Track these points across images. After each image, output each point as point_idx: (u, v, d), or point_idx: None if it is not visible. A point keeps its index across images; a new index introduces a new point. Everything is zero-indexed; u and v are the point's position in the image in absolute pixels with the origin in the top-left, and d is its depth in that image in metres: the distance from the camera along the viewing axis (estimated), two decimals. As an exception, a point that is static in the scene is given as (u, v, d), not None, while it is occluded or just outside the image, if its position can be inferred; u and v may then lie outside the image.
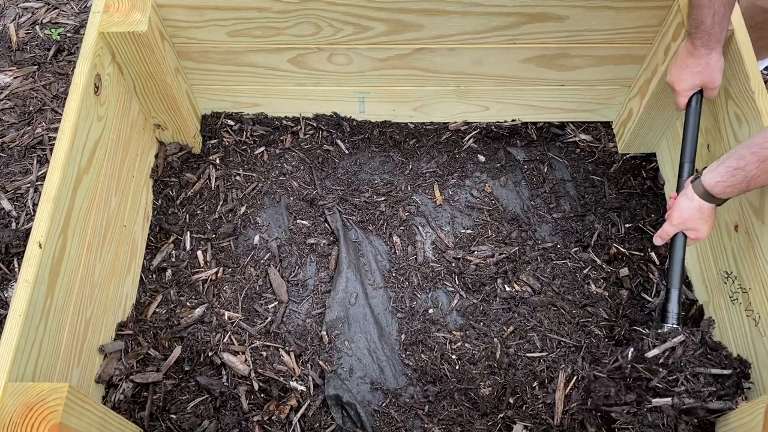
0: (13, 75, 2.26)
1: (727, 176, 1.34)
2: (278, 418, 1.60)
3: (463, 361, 1.69)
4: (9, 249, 1.90)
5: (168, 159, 1.97)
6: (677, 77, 1.59)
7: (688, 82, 1.57)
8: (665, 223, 1.52)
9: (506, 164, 2.05)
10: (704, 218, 1.44)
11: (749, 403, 1.34)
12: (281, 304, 1.79)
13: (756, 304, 1.50)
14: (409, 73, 1.91)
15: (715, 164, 1.38)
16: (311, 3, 1.68)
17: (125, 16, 1.59)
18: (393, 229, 1.92)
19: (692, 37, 1.51)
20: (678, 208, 1.46)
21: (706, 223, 1.45)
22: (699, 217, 1.44)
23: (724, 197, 1.39)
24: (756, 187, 1.32)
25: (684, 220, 1.46)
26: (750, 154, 1.29)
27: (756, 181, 1.30)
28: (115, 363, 1.61)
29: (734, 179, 1.33)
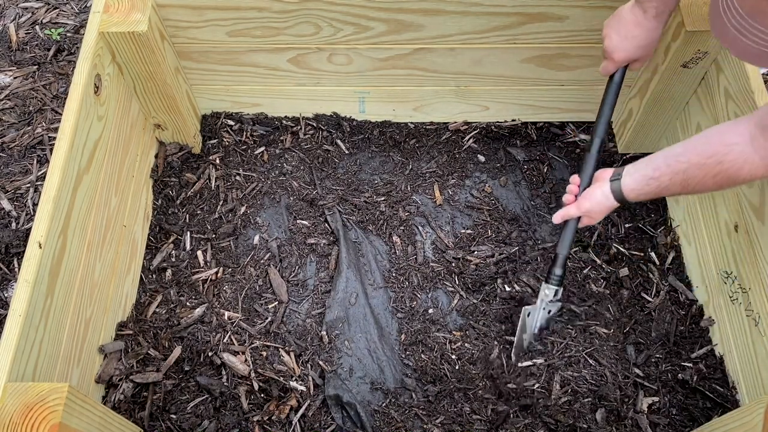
0: (13, 75, 2.26)
1: (642, 185, 1.34)
2: (278, 418, 1.60)
3: (463, 361, 1.69)
4: (9, 249, 1.90)
5: (168, 159, 1.97)
6: (619, 46, 1.47)
7: (629, 53, 1.49)
8: (571, 206, 1.52)
9: (506, 164, 2.05)
10: (605, 212, 1.48)
11: (749, 403, 1.34)
12: (281, 304, 1.79)
13: (756, 304, 1.50)
14: (409, 73, 1.91)
15: (632, 168, 1.38)
16: (311, 3, 1.68)
17: (125, 16, 1.59)
18: (393, 229, 1.92)
19: (644, 5, 1.39)
20: (590, 200, 1.47)
21: (604, 215, 1.49)
22: (605, 211, 1.47)
23: (635, 201, 1.41)
24: (667, 195, 1.35)
25: (592, 211, 1.48)
26: (665, 166, 1.29)
27: (667, 191, 1.32)
28: (115, 363, 1.61)
29: (648, 188, 1.33)
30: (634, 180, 1.36)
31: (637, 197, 1.38)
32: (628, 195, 1.38)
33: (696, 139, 1.26)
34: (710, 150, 1.20)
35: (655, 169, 1.32)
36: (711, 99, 1.70)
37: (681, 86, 1.75)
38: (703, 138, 1.24)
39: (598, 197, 1.45)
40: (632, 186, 1.37)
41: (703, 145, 1.23)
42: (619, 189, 1.40)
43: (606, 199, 1.44)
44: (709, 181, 1.23)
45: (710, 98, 1.70)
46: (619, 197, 1.41)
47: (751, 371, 1.53)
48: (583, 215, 1.51)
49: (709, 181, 1.22)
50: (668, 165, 1.28)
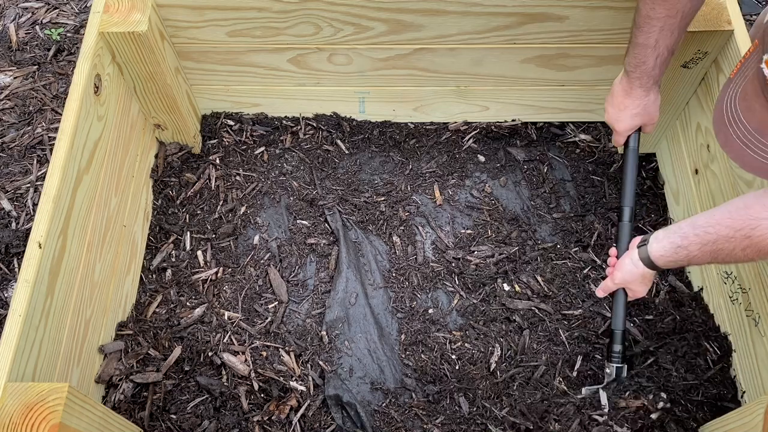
0: (13, 75, 2.26)
1: (671, 252, 1.34)
2: (278, 418, 1.60)
3: (463, 361, 1.69)
4: (9, 249, 1.90)
5: (168, 159, 1.97)
6: (615, 118, 1.57)
7: (628, 123, 1.56)
8: (608, 279, 1.55)
9: (506, 164, 2.05)
10: (645, 282, 1.48)
11: (749, 403, 1.34)
12: (281, 304, 1.79)
13: (756, 304, 1.50)
14: (409, 73, 1.91)
15: (661, 233, 1.38)
16: (311, 3, 1.68)
17: (125, 16, 1.59)
18: (393, 229, 1.92)
19: (630, 76, 1.47)
20: (622, 270, 1.48)
21: (645, 285, 1.49)
22: (640, 281, 1.47)
23: (667, 268, 1.41)
24: (697, 264, 1.34)
25: (626, 281, 1.49)
26: (693, 236, 1.28)
27: (697, 260, 1.30)
28: (115, 363, 1.61)
29: (677, 256, 1.33)
30: (663, 247, 1.36)
31: (666, 264, 1.37)
32: (657, 261, 1.38)
33: (721, 210, 1.25)
34: (737, 223, 1.19)
35: (684, 238, 1.31)
36: (711, 99, 1.70)
37: (681, 86, 1.75)
38: (728, 210, 1.23)
39: (627, 266, 1.46)
40: (661, 252, 1.36)
41: (729, 219, 1.21)
42: (646, 255, 1.39)
43: (635, 267, 1.44)
44: (739, 254, 1.21)
45: (710, 98, 1.70)
46: (649, 263, 1.40)
47: (751, 371, 1.53)
48: (621, 287, 1.52)
49: (739, 253, 1.21)
50: (697, 235, 1.27)
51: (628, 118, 1.55)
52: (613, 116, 1.57)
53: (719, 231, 1.22)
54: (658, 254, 1.37)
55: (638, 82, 1.47)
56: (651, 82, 1.47)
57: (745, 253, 1.20)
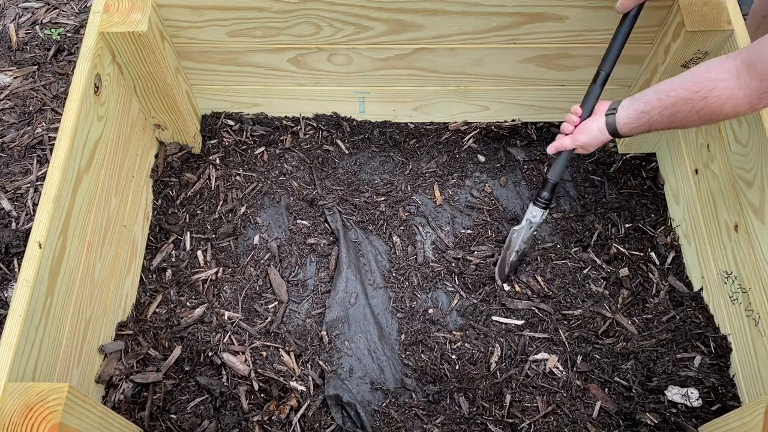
0: (13, 75, 2.26)
1: (635, 119, 1.39)
2: (278, 418, 1.60)
3: (463, 361, 1.69)
4: (9, 249, 1.90)
5: (168, 159, 1.97)
6: None
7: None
8: (566, 139, 1.57)
9: (506, 164, 2.05)
10: (599, 145, 1.53)
11: (749, 403, 1.34)
12: (281, 304, 1.79)
13: (756, 304, 1.50)
14: (409, 73, 1.91)
15: (627, 101, 1.42)
16: (311, 3, 1.68)
17: (125, 16, 1.59)
18: (393, 229, 1.92)
19: None
20: (586, 134, 1.52)
21: (597, 147, 1.54)
22: (597, 144, 1.52)
23: (628, 135, 1.46)
24: (657, 129, 1.39)
25: (587, 144, 1.53)
26: (656, 100, 1.34)
27: (657, 125, 1.37)
28: (115, 363, 1.61)
29: (640, 122, 1.39)
30: (628, 114, 1.41)
31: (630, 131, 1.43)
32: (622, 129, 1.44)
33: (685, 74, 1.30)
34: (697, 85, 1.25)
35: (646, 103, 1.37)
36: (711, 99, 1.69)
37: (681, 86, 1.75)
38: (691, 74, 1.28)
39: (593, 131, 1.50)
40: (625, 120, 1.42)
41: (690, 81, 1.27)
42: (613, 123, 1.45)
43: (600, 133, 1.49)
44: (694, 116, 1.28)
45: (710, 98, 1.70)
46: (613, 131, 1.46)
47: (751, 371, 1.53)
48: (578, 147, 1.56)
49: (694, 116, 1.27)
50: (659, 99, 1.33)
51: None
52: None
53: (679, 94, 1.28)
54: (623, 122, 1.42)
55: None
56: None
57: (700, 115, 1.27)
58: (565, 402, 1.63)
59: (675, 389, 1.59)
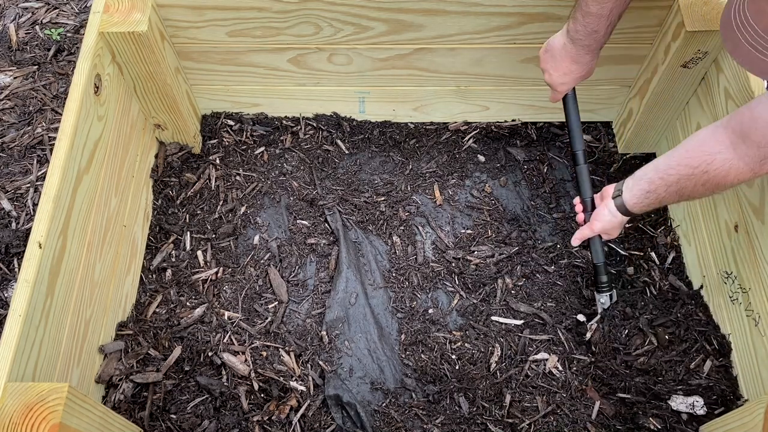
0: (13, 75, 2.26)
1: (642, 198, 1.40)
2: (278, 418, 1.60)
3: (463, 361, 1.69)
4: (9, 249, 1.90)
5: (168, 159, 1.97)
6: (559, 81, 1.57)
7: (571, 85, 1.59)
8: (585, 228, 1.60)
9: (506, 164, 2.05)
10: (621, 227, 1.55)
11: (749, 403, 1.34)
12: (281, 304, 1.79)
13: (756, 304, 1.50)
14: (409, 73, 1.91)
15: (630, 182, 1.43)
16: (311, 3, 1.68)
17: (125, 16, 1.59)
18: (393, 229, 1.92)
19: (577, 44, 1.47)
20: (601, 221, 1.53)
21: (621, 229, 1.56)
22: (618, 227, 1.54)
23: (642, 212, 1.46)
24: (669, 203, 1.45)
25: (605, 230, 1.55)
26: (658, 179, 1.34)
27: (667, 200, 1.37)
28: (115, 363, 1.61)
29: (648, 200, 1.39)
30: (634, 195, 1.42)
31: (642, 209, 1.44)
32: (633, 209, 1.44)
33: (680, 150, 1.30)
34: (695, 160, 1.25)
35: (650, 183, 1.37)
36: (711, 99, 1.70)
37: (681, 86, 1.75)
38: (685, 149, 1.29)
39: (606, 216, 1.51)
40: (634, 201, 1.42)
41: (687, 157, 1.27)
42: (622, 204, 1.46)
43: (614, 217, 1.50)
44: (700, 189, 1.27)
45: (710, 98, 1.70)
46: (624, 212, 1.47)
47: (751, 371, 1.53)
48: (599, 233, 1.58)
49: (700, 188, 1.27)
50: (661, 178, 1.34)
51: (572, 81, 1.57)
52: (557, 79, 1.57)
53: (680, 171, 1.29)
54: (632, 202, 1.43)
55: (586, 49, 1.48)
56: (599, 48, 1.50)
57: (706, 188, 1.26)
58: (565, 402, 1.63)
59: (680, 398, 1.58)
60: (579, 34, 1.46)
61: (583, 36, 1.45)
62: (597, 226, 1.55)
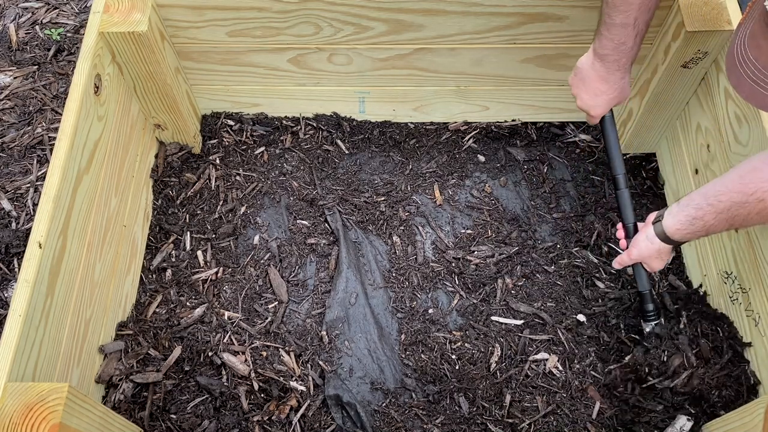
0: (13, 75, 2.26)
1: (687, 225, 1.33)
2: (278, 418, 1.60)
3: (463, 361, 1.69)
4: (9, 249, 1.90)
5: (168, 159, 1.97)
6: (592, 104, 1.51)
7: (605, 107, 1.52)
8: (624, 255, 1.55)
9: (506, 164, 2.05)
10: (661, 257, 1.47)
11: (749, 403, 1.34)
12: (281, 304, 1.79)
13: (756, 304, 1.50)
14: (409, 73, 1.91)
15: (675, 208, 1.37)
16: (311, 3, 1.68)
17: (125, 16, 1.59)
18: (393, 229, 1.92)
19: (605, 61, 1.41)
20: (638, 247, 1.48)
21: (661, 260, 1.48)
22: (656, 256, 1.46)
23: (684, 241, 1.39)
24: (716, 232, 1.32)
25: (642, 257, 1.50)
26: (707, 205, 1.27)
27: (715, 229, 1.29)
28: (115, 363, 1.61)
29: (693, 228, 1.32)
30: (678, 221, 1.35)
31: (684, 237, 1.36)
32: (674, 236, 1.37)
33: (731, 176, 1.24)
34: (749, 188, 1.18)
35: (698, 209, 1.30)
36: (711, 99, 1.70)
37: (681, 86, 1.75)
38: (738, 175, 1.22)
39: (642, 243, 1.46)
40: (677, 226, 1.35)
41: (740, 183, 1.20)
42: (662, 230, 1.39)
43: (651, 243, 1.43)
44: (755, 218, 1.21)
45: (710, 98, 1.70)
46: (664, 239, 1.40)
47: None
48: (637, 261, 1.52)
49: (755, 217, 1.21)
50: (710, 204, 1.27)
51: (605, 103, 1.50)
52: (589, 102, 1.52)
53: (732, 198, 1.21)
54: (674, 228, 1.35)
55: (616, 65, 1.41)
56: (629, 63, 1.43)
57: (761, 216, 1.19)
58: (565, 402, 1.63)
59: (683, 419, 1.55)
60: (606, 49, 1.39)
61: (610, 51, 1.38)
62: (634, 253, 1.49)
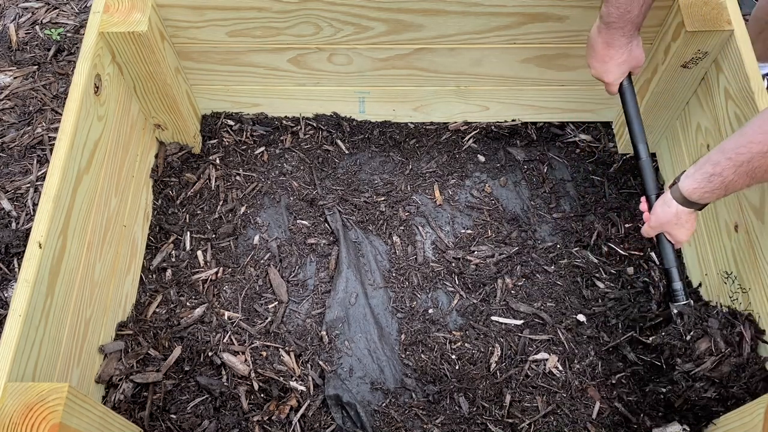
0: (13, 75, 2.26)
1: (704, 182, 1.29)
2: (278, 418, 1.60)
3: (463, 361, 1.69)
4: (9, 249, 1.90)
5: (168, 159, 1.97)
6: (603, 70, 1.52)
7: (616, 73, 1.52)
8: (645, 225, 1.51)
9: (506, 164, 2.05)
10: (681, 223, 1.42)
11: (749, 403, 1.34)
12: (281, 304, 1.79)
13: (756, 304, 1.50)
14: (409, 73, 1.91)
15: (692, 169, 1.34)
16: (311, 3, 1.68)
17: (125, 16, 1.59)
18: (393, 229, 1.92)
19: (611, 27, 1.42)
20: (655, 213, 1.44)
21: (682, 227, 1.43)
22: (675, 222, 1.42)
23: (703, 202, 1.35)
24: (735, 191, 1.28)
25: (661, 224, 1.45)
26: (726, 160, 1.24)
27: (734, 186, 1.26)
28: (115, 363, 1.61)
29: (712, 185, 1.28)
30: (695, 180, 1.31)
31: (702, 197, 1.32)
32: (691, 195, 1.33)
33: (751, 128, 1.20)
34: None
35: (715, 165, 1.26)
36: (711, 99, 1.70)
37: (681, 86, 1.75)
38: (758, 125, 1.19)
39: (658, 207, 1.43)
40: (694, 185, 1.31)
41: (762, 133, 1.17)
42: (678, 192, 1.36)
43: (668, 206, 1.40)
44: None
45: (710, 98, 1.70)
46: (681, 200, 1.36)
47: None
48: (658, 231, 1.49)
49: None
50: (729, 159, 1.23)
51: (615, 67, 1.51)
52: (600, 69, 1.53)
53: (752, 149, 1.18)
54: (691, 188, 1.32)
55: (620, 32, 1.43)
56: (634, 30, 1.44)
57: None
58: (565, 402, 1.63)
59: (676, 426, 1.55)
60: (611, 17, 1.40)
61: (615, 18, 1.40)
62: (652, 220, 1.44)
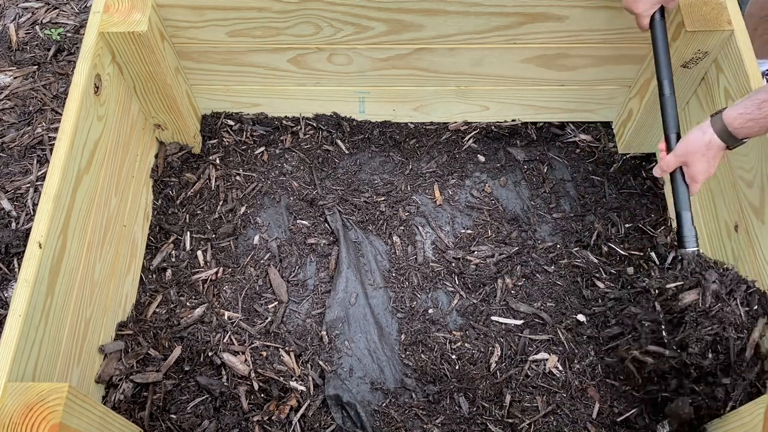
0: (13, 75, 2.26)
1: (753, 108, 1.22)
2: (278, 418, 1.60)
3: (463, 361, 1.69)
4: (9, 249, 1.90)
5: (168, 159, 1.97)
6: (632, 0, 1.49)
7: (646, 3, 1.48)
8: (669, 155, 1.43)
9: (506, 164, 2.05)
10: (708, 157, 1.33)
11: (749, 403, 1.34)
12: (281, 304, 1.79)
13: (756, 304, 1.50)
14: (409, 73, 1.91)
15: (741, 99, 1.27)
16: (311, 3, 1.68)
17: (125, 16, 1.59)
18: (393, 229, 1.92)
19: None
20: (686, 139, 1.35)
21: (707, 162, 1.34)
22: (703, 152, 1.33)
23: (741, 135, 1.27)
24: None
25: (687, 152, 1.36)
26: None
27: None
28: (115, 363, 1.61)
29: (760, 112, 1.21)
30: (743, 105, 1.23)
31: (744, 125, 1.24)
32: (733, 122, 1.25)
33: None
34: None
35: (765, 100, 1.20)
36: (711, 99, 1.70)
37: (681, 86, 1.75)
38: None
39: (692, 133, 1.33)
40: (740, 110, 1.24)
41: None
42: (720, 119, 1.27)
43: (702, 133, 1.30)
44: None
45: (710, 98, 1.70)
46: (720, 129, 1.28)
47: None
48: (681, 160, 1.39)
49: None
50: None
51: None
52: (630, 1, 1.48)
53: None
54: (736, 113, 1.24)
55: None
56: None
57: None
58: (565, 402, 1.63)
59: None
60: None
61: None
62: (679, 147, 1.35)
